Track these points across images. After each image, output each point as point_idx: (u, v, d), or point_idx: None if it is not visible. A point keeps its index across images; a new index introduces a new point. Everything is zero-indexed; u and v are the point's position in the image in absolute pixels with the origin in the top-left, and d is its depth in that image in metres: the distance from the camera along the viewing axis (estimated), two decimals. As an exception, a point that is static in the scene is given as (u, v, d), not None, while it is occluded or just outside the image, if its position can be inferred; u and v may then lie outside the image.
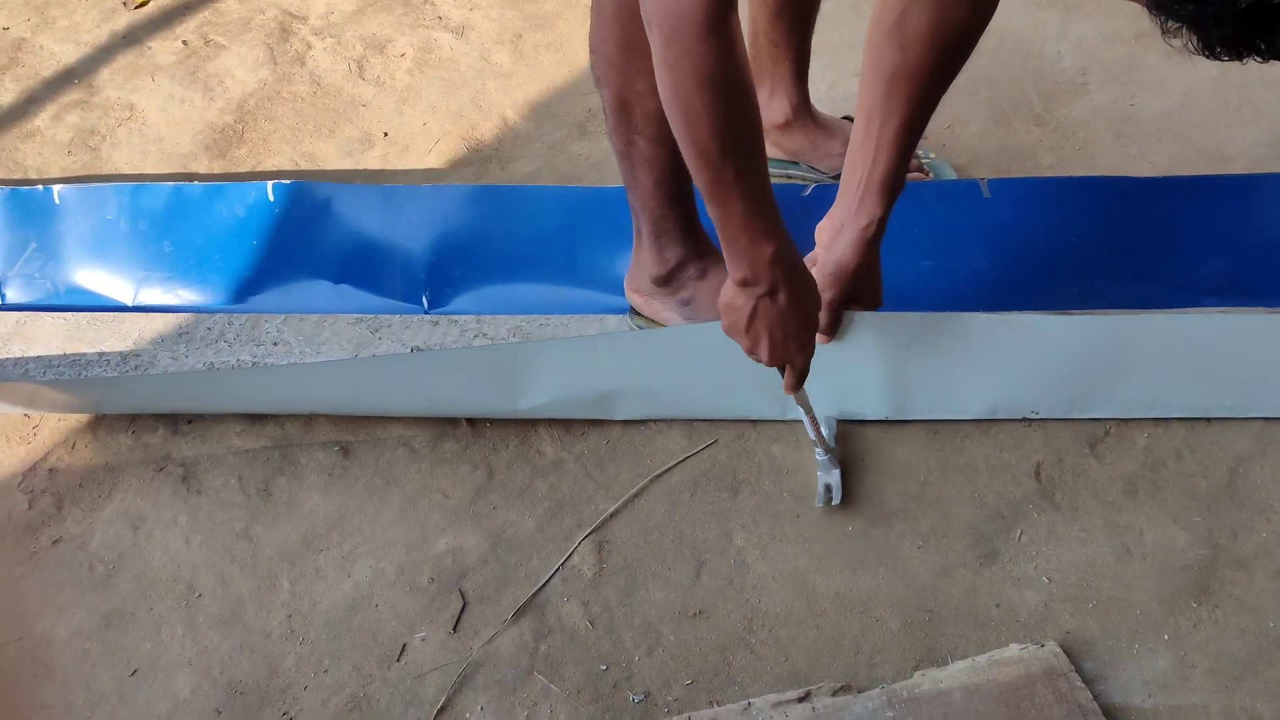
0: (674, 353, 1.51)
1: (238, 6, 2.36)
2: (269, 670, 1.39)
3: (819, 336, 1.44)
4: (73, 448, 1.63)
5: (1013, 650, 1.31)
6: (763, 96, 1.75)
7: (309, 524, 1.52)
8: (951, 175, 1.81)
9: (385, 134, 2.06)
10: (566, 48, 2.20)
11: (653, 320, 1.63)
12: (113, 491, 1.58)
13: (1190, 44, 0.89)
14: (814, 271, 1.42)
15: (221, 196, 1.80)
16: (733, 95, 1.15)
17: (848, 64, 2.04)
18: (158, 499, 1.57)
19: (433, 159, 2.01)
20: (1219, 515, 1.43)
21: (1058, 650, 1.30)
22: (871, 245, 1.40)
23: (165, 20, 2.35)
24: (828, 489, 1.47)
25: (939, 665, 1.32)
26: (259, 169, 2.02)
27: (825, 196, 1.70)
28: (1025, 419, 1.52)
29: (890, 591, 1.39)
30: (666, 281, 1.59)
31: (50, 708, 1.38)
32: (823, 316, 1.42)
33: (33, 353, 1.68)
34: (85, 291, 1.78)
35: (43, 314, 1.73)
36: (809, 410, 1.45)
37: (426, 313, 1.69)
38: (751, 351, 1.35)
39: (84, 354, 1.67)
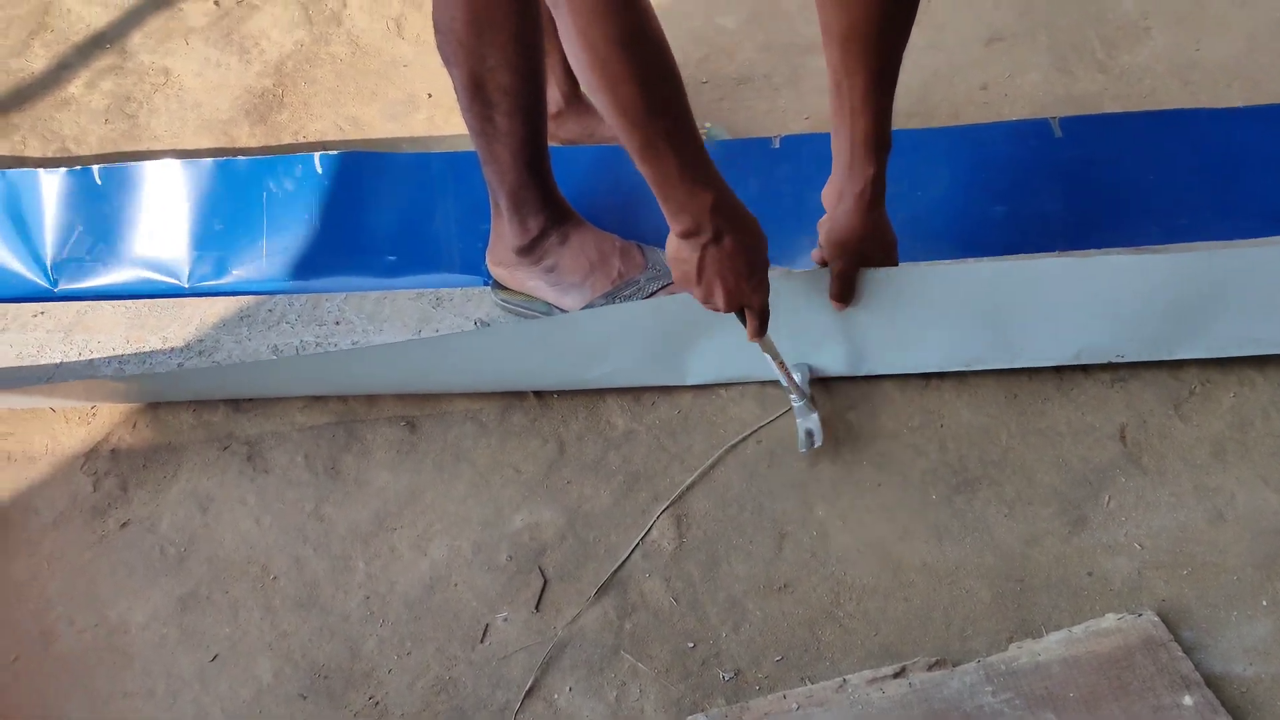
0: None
1: (268, -36, 2.30)
2: (351, 653, 1.37)
3: (834, 304, 1.45)
4: (134, 427, 1.60)
5: (1109, 620, 1.29)
6: None
7: (380, 502, 1.50)
8: (726, 137, 1.81)
9: (429, 95, 2.01)
10: None
11: (518, 291, 1.62)
12: (177, 472, 1.56)
13: None
14: (821, 238, 1.43)
15: (268, 170, 1.75)
16: (649, 52, 1.16)
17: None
18: (224, 478, 1.54)
19: (480, 120, 1.96)
20: (1311, 476, 1.40)
21: (1155, 619, 1.28)
22: (873, 208, 1.40)
23: (194, -20, 2.29)
24: (809, 434, 1.46)
25: (1034, 637, 1.30)
26: (302, 135, 1.97)
27: (796, 147, 1.70)
28: (1110, 364, 1.49)
29: (978, 561, 1.37)
30: (529, 251, 1.59)
31: (132, 695, 1.36)
32: (834, 285, 1.43)
33: (95, 341, 1.64)
34: (137, 274, 1.74)
35: (103, 303, 1.70)
36: (776, 356, 1.43)
37: (488, 284, 1.66)
38: (707, 300, 1.33)
39: (147, 341, 1.63)
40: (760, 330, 1.38)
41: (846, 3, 1.26)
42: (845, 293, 1.43)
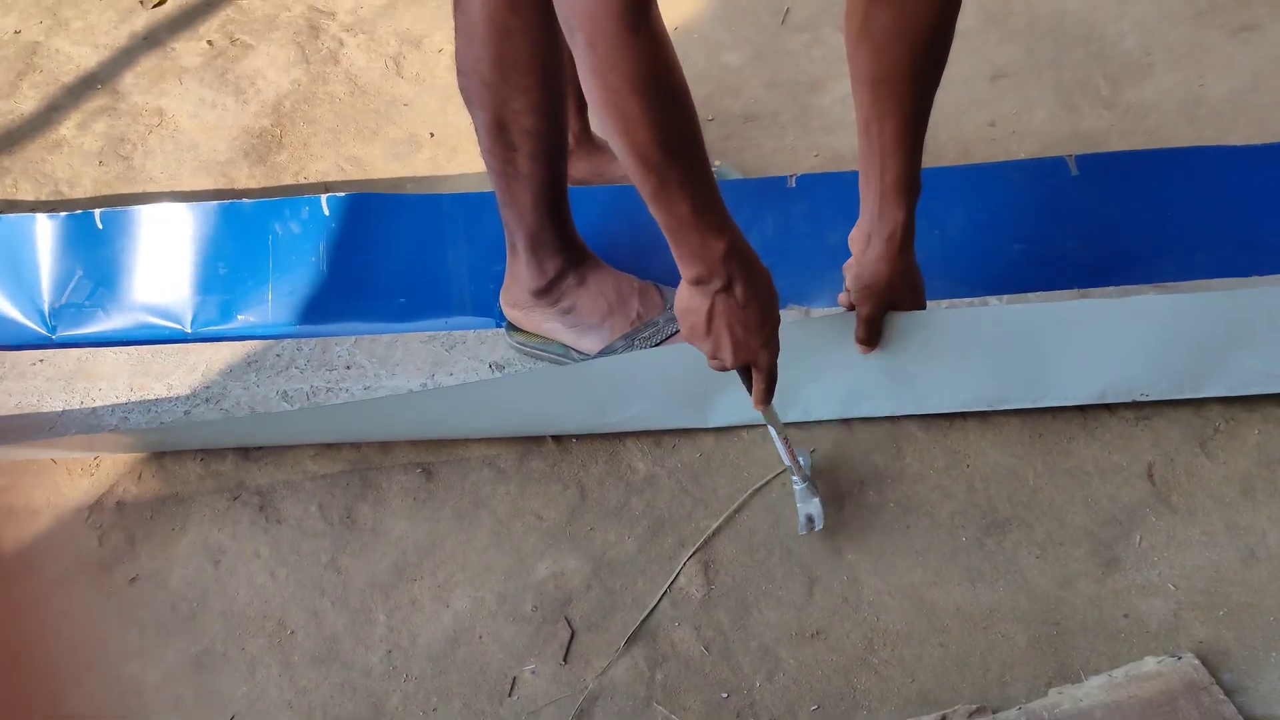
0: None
1: (261, 3, 2.27)
2: (374, 710, 1.33)
3: (860, 348, 1.42)
4: (139, 478, 1.56)
5: (1150, 664, 1.27)
6: None
7: (398, 552, 1.46)
8: (736, 176, 1.80)
9: (431, 134, 1.99)
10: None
11: (534, 333, 1.60)
12: (186, 524, 1.52)
13: None
14: (848, 282, 1.40)
15: (274, 212, 1.72)
16: (667, 92, 1.12)
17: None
18: (235, 530, 1.50)
19: (484, 160, 1.94)
20: (1341, 513, 1.40)
21: (1196, 662, 1.27)
22: (902, 252, 1.37)
23: (186, 19, 2.26)
24: (809, 519, 1.41)
25: (1074, 682, 1.28)
26: (303, 175, 1.94)
27: (812, 186, 1.69)
28: (1135, 402, 1.48)
29: (1013, 604, 1.36)
30: (546, 292, 1.57)
31: (147, 758, 1.32)
32: (860, 330, 1.41)
33: (97, 389, 1.60)
34: (139, 320, 1.70)
35: (104, 349, 1.65)
36: (780, 430, 1.39)
37: (501, 326, 1.63)
38: (714, 355, 1.28)
39: (151, 388, 1.59)
40: (767, 394, 1.33)
41: (878, 48, 1.25)
42: (872, 337, 1.42)
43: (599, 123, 1.15)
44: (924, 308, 1.43)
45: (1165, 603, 1.34)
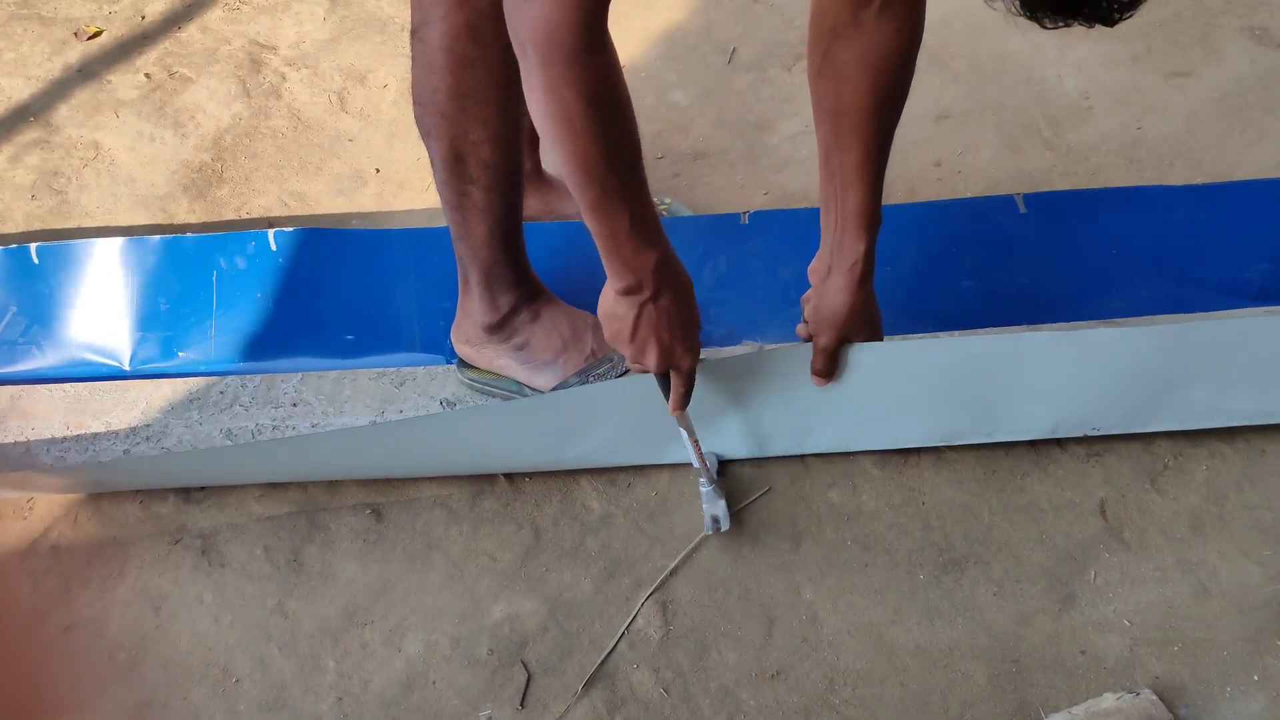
0: (726, 383, 1.45)
1: (200, 36, 2.24)
2: (325, 760, 1.29)
3: (815, 379, 1.42)
4: (75, 521, 1.51)
5: (1109, 700, 1.28)
6: None
7: (348, 595, 1.43)
8: (686, 213, 1.80)
9: (377, 170, 1.96)
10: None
11: (487, 370, 1.58)
12: (124, 569, 1.47)
13: (1013, 6, 0.95)
14: (807, 313, 1.41)
15: (219, 247, 1.68)
16: (614, 109, 1.16)
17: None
18: (177, 575, 1.45)
19: (431, 196, 1.91)
20: (1288, 548, 1.42)
21: (1154, 698, 1.27)
22: (862, 284, 1.37)
23: (122, 52, 2.21)
24: (715, 520, 1.43)
25: (1033, 719, 1.28)
26: (245, 210, 1.91)
27: (765, 223, 1.70)
28: (1086, 439, 1.49)
29: (972, 642, 1.35)
30: (499, 328, 1.55)
31: (84, 815, 1.26)
32: (818, 360, 1.41)
33: (32, 427, 1.54)
34: (76, 357, 1.64)
35: (39, 386, 1.60)
36: (692, 434, 1.41)
37: (451, 363, 1.61)
38: (637, 359, 1.32)
39: (89, 426, 1.54)
40: (684, 400, 1.35)
41: (840, 80, 1.26)
42: (829, 368, 1.41)
43: (545, 137, 1.16)
44: (881, 339, 1.43)
45: (1121, 639, 1.35)
